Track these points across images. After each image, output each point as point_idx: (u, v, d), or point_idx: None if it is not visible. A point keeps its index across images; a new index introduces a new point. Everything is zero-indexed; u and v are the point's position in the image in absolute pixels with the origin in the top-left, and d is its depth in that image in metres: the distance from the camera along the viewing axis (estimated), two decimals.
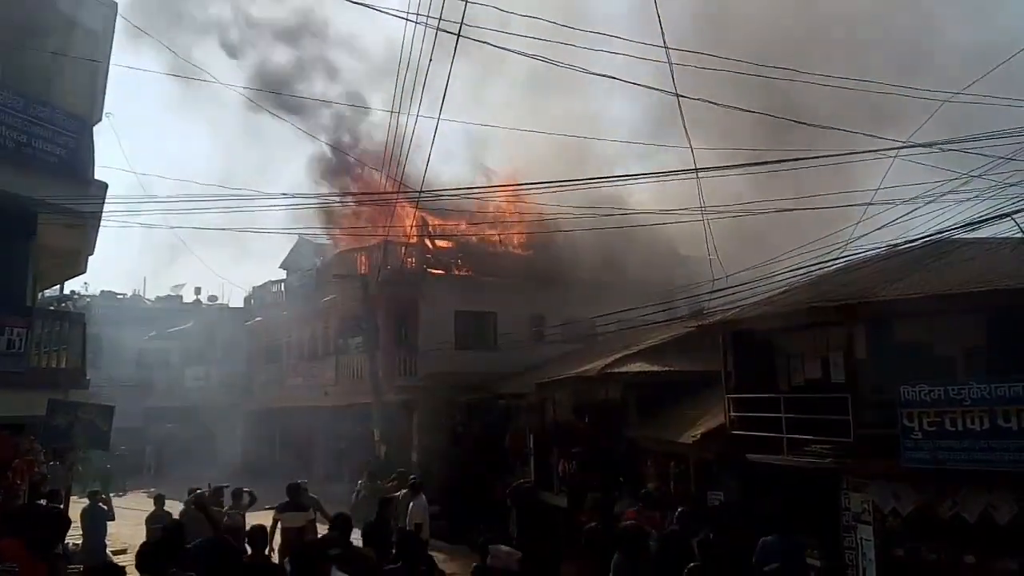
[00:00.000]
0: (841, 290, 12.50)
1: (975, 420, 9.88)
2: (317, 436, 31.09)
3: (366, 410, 23.96)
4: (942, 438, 10.12)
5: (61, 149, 13.07)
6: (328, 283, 28.29)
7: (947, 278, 11.57)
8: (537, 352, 23.51)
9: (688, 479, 14.82)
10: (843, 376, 12.18)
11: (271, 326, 34.45)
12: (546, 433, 20.14)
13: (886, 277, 12.23)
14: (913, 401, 10.42)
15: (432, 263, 26.03)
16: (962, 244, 12.28)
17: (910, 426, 10.40)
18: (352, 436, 26.96)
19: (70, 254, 15.63)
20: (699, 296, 14.98)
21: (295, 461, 31.34)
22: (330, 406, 28.04)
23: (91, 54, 14.12)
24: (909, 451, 10.43)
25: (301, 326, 31.92)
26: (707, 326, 15.22)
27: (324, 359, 29.58)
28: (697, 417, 15.03)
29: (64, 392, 13.02)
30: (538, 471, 20.03)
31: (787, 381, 13.91)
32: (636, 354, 17.81)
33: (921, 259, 12.30)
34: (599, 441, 17.39)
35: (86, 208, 13.04)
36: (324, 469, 29.14)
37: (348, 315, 26.72)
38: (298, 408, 30.88)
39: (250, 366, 36.47)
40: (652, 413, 16.53)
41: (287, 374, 33.00)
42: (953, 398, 10.10)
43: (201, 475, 25.85)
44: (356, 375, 26.10)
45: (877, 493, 11.24)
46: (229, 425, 36.24)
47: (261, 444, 34.00)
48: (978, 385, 9.97)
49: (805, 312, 12.59)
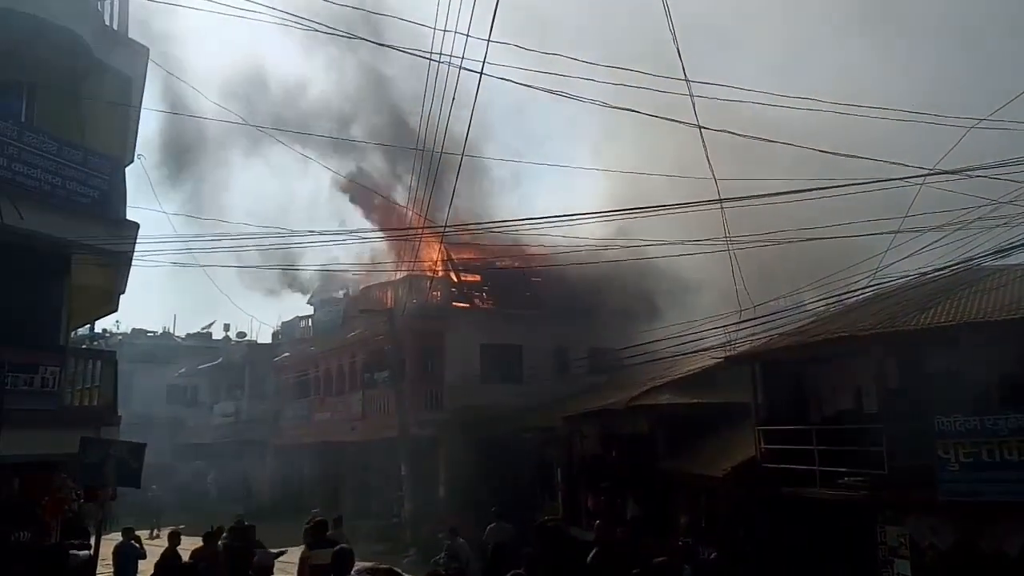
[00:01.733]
0: (871, 319, 12.36)
1: (1013, 451, 9.67)
2: (345, 471, 31.05)
3: (393, 445, 23.94)
4: (980, 469, 9.92)
5: (93, 191, 13.32)
6: (355, 318, 28.47)
7: (978, 306, 11.40)
8: (563, 385, 23.41)
9: (719, 513, 14.60)
10: (875, 406, 11.99)
11: (298, 361, 34.65)
12: (573, 467, 19.98)
13: (916, 306, 12.08)
14: (949, 432, 10.24)
15: (457, 296, 26.12)
16: (992, 271, 12.11)
17: (946, 457, 10.20)
18: (380, 471, 26.91)
19: (102, 293, 15.85)
20: (726, 327, 14.86)
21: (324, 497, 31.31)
22: (357, 441, 28.03)
23: (123, 98, 14.47)
24: (946, 483, 10.22)
25: (328, 361, 32.06)
26: (735, 357, 15.08)
27: (351, 393, 29.65)
28: (727, 450, 14.84)
29: (96, 430, 13.12)
30: (566, 505, 19.84)
31: (818, 412, 13.72)
32: (663, 386, 17.65)
33: (951, 287, 12.15)
34: (628, 474, 17.21)
35: (118, 248, 13.26)
36: (352, 505, 29.05)
37: (374, 349, 26.83)
38: (326, 443, 30.90)
39: (278, 402, 36.64)
40: (681, 446, 16.34)
41: (315, 409, 33.07)
42: (990, 428, 9.92)
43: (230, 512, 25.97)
44: (383, 409, 26.13)
45: (914, 526, 11.01)
46: (258, 461, 36.34)
47: (290, 480, 34.03)
48: (1016, 415, 9.78)
49: (836, 342, 12.45)
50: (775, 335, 13.54)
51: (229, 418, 38.60)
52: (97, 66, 13.64)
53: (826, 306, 13.20)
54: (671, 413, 16.74)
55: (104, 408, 13.80)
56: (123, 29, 14.73)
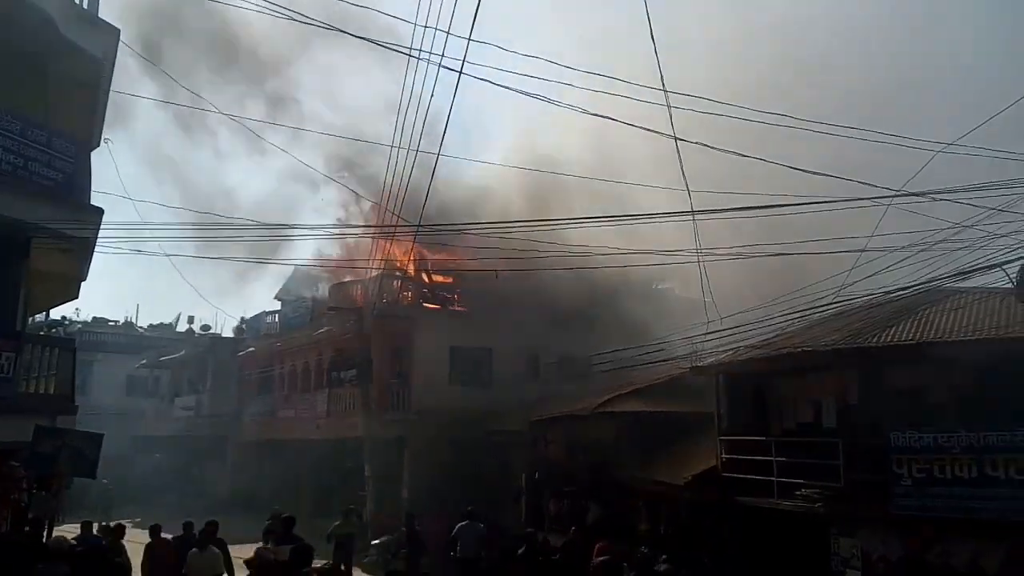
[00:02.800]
0: (834, 335, 12.54)
1: (963, 468, 9.88)
2: (307, 470, 30.79)
3: (357, 444, 23.78)
4: (931, 485, 10.11)
5: (57, 173, 13.07)
6: (323, 315, 28.25)
7: (939, 326, 11.61)
8: (531, 389, 23.42)
9: (680, 520, 14.71)
10: (835, 421, 12.16)
11: (263, 357, 34.28)
12: (538, 471, 20.00)
13: (878, 324, 12.28)
14: (903, 448, 10.42)
15: (428, 297, 26.02)
16: (953, 293, 12.35)
17: (900, 472, 10.38)
18: (342, 470, 26.71)
19: (63, 279, 15.56)
20: (694, 337, 14.98)
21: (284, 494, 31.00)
22: (321, 439, 27.81)
23: (92, 80, 14.19)
24: (899, 498, 10.41)
25: (294, 357, 31.77)
26: (701, 368, 15.22)
27: (316, 392, 29.39)
28: (690, 458, 14.96)
29: (51, 419, 12.87)
30: (529, 509, 19.85)
31: (779, 425, 13.89)
32: (630, 393, 17.75)
33: (913, 307, 12.36)
34: (591, 480, 17.28)
35: (81, 233, 13.00)
36: (313, 503, 28.80)
37: (342, 348, 26.63)
38: (289, 440, 30.61)
39: (241, 397, 36.23)
40: (645, 453, 16.44)
41: (278, 406, 32.75)
42: (942, 445, 10.11)
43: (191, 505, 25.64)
44: (348, 409, 25.93)
45: (866, 539, 11.18)
46: (218, 456, 35.90)
47: (250, 476, 33.68)
48: (967, 433, 9.98)
49: (798, 356, 12.61)
50: (741, 347, 13.69)
51: (190, 412, 38.05)
52: (65, 46, 13.36)
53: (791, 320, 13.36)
54: (635, 421, 16.86)
55: (61, 397, 13.54)
56: (93, 9, 14.44)
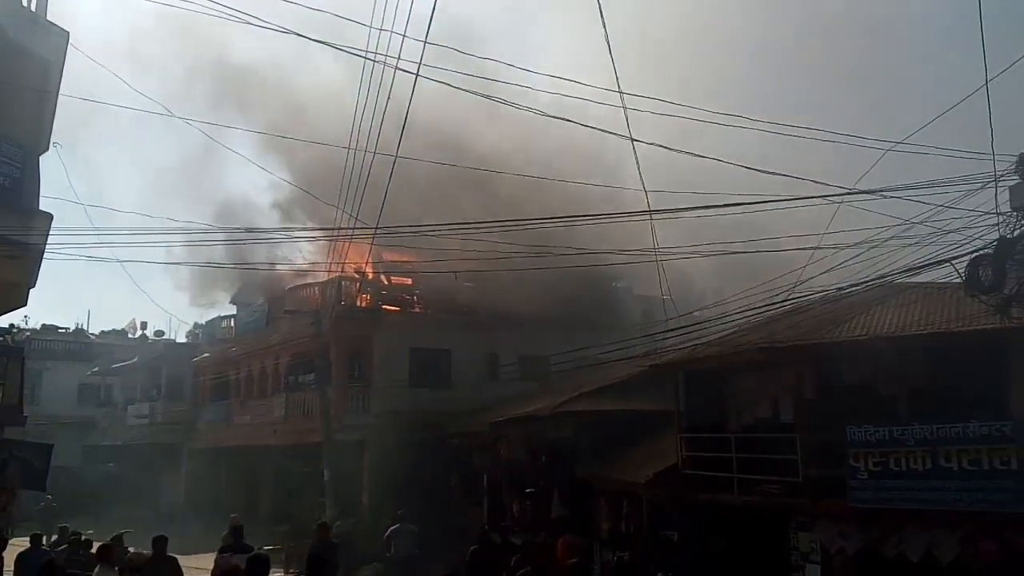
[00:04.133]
0: (790, 331, 12.75)
1: (918, 460, 10.11)
2: (265, 476, 30.39)
3: (316, 449, 23.54)
4: (887, 478, 10.33)
5: (4, 178, 12.74)
6: (280, 318, 27.88)
7: (891, 321, 11.88)
8: (492, 390, 23.41)
9: (642, 518, 14.83)
10: (792, 416, 12.36)
11: (219, 362, 33.73)
12: (499, 472, 20.01)
13: (833, 319, 12.51)
14: (859, 441, 10.63)
15: (388, 299, 25.86)
16: (904, 288, 12.64)
17: (856, 466, 10.59)
18: (301, 475, 26.42)
19: (10, 286, 15.16)
20: (654, 335, 15.12)
21: (242, 502, 30.55)
22: (279, 445, 27.47)
23: (40, 83, 13.86)
24: (855, 491, 10.61)
25: (250, 362, 31.32)
26: (660, 366, 15.36)
27: (273, 396, 29.02)
28: (651, 456, 15.09)
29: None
30: (491, 510, 19.84)
31: (738, 421, 14.07)
32: (591, 393, 17.84)
33: (866, 302, 12.63)
34: (553, 480, 17.33)
35: (29, 239, 12.68)
36: (271, 510, 28.44)
37: (300, 351, 26.34)
38: (245, 447, 30.18)
39: (196, 404, 35.61)
40: (606, 452, 16.55)
41: (234, 412, 32.26)
42: (897, 439, 10.34)
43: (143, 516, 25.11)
44: (306, 413, 25.66)
45: (824, 532, 11.39)
46: (173, 464, 35.24)
47: (206, 484, 33.14)
48: (921, 426, 10.21)
49: (755, 353, 12.79)
50: (699, 345, 13.85)
51: (143, 420, 37.27)
52: (12, 48, 13.02)
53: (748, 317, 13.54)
54: (596, 420, 16.95)
55: (9, 407, 13.22)
56: (42, 11, 14.10)
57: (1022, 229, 9.46)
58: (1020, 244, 9.41)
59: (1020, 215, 9.51)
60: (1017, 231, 9.47)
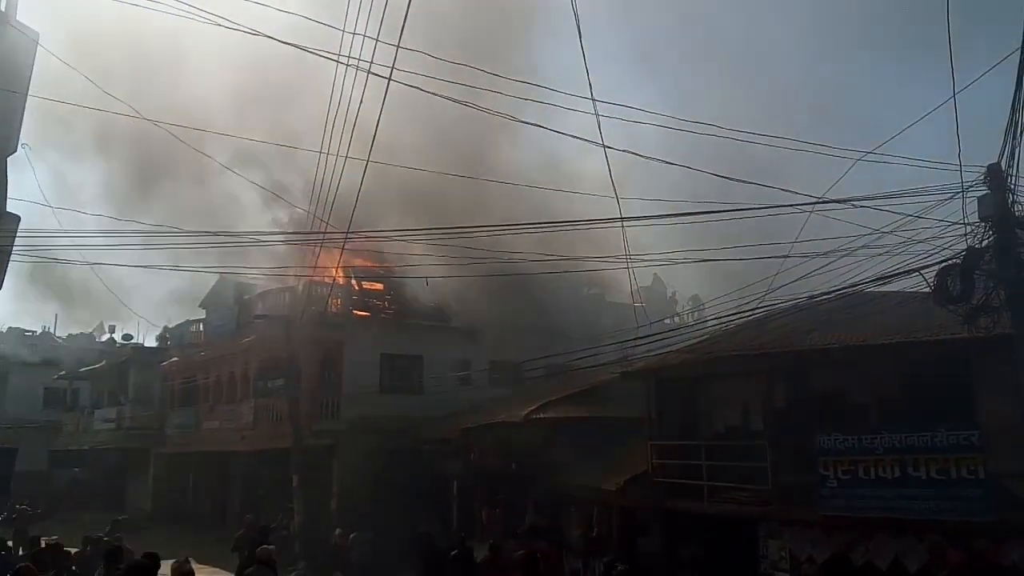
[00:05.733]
0: (760, 339, 12.78)
1: (887, 469, 10.14)
2: (233, 482, 29.96)
3: (285, 455, 23.23)
4: (856, 486, 10.36)
5: None
6: (249, 323, 27.51)
7: (860, 330, 11.94)
8: (463, 397, 23.26)
9: (612, 525, 14.78)
10: (762, 424, 12.39)
11: (187, 367, 33.24)
12: (470, 479, 19.87)
13: (803, 328, 12.56)
14: (829, 449, 10.66)
15: (359, 305, 25.63)
16: (874, 297, 12.71)
17: (826, 474, 10.61)
18: (269, 482, 26.07)
19: None
20: (625, 342, 15.09)
21: (210, 507, 30.10)
22: (247, 451, 27.09)
23: (8, 84, 13.57)
24: (825, 499, 10.63)
25: (219, 367, 30.88)
26: (631, 373, 15.34)
27: (242, 402, 28.60)
28: (622, 463, 15.05)
29: None
30: (461, 518, 19.69)
31: (708, 428, 14.09)
32: (562, 399, 17.79)
33: (836, 311, 12.68)
34: (525, 487, 17.24)
35: None
36: (238, 516, 28.03)
37: (269, 356, 25.99)
38: (214, 452, 29.74)
39: (164, 408, 35.05)
40: (578, 459, 16.48)
41: (203, 417, 31.80)
42: (867, 447, 10.37)
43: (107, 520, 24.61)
44: (276, 418, 25.31)
45: (794, 540, 11.40)
46: (141, 469, 34.68)
47: (173, 490, 32.62)
48: (890, 435, 10.26)
49: (725, 360, 12.81)
50: (670, 352, 13.85)
51: (111, 424, 36.60)
52: None
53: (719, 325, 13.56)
54: (567, 426, 16.89)
55: None
56: (11, 11, 13.84)
57: (990, 239, 9.53)
58: (988, 254, 9.48)
59: (988, 225, 9.58)
60: (985, 241, 9.54)
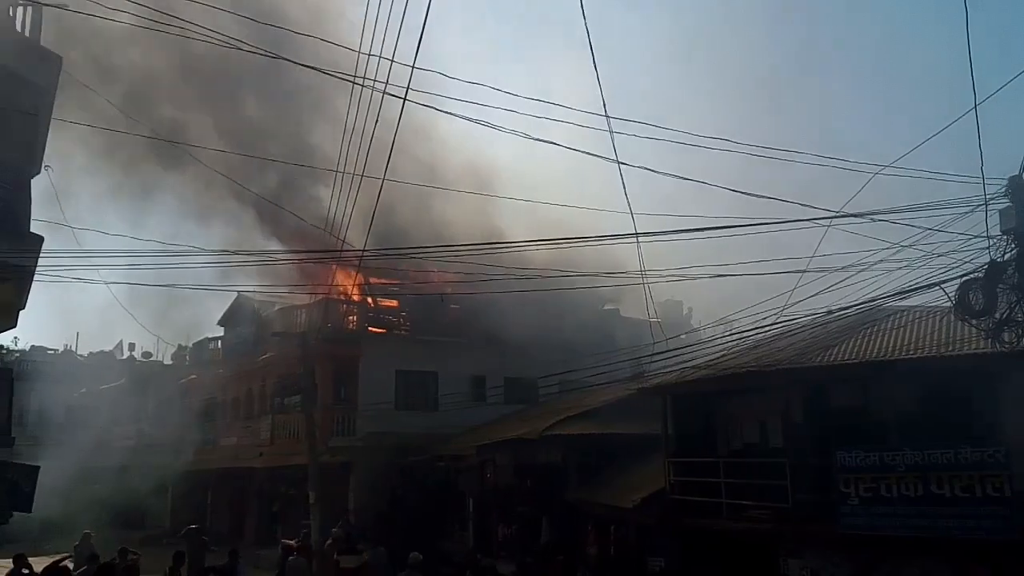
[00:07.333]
0: (778, 355, 12.68)
1: (909, 486, 10.00)
2: (250, 498, 30.03)
3: (301, 471, 23.26)
4: (878, 504, 10.21)
5: None
6: (266, 340, 27.68)
7: (880, 345, 11.83)
8: (478, 413, 23.23)
9: (629, 543, 14.66)
10: (780, 440, 12.27)
11: (206, 384, 33.48)
12: (486, 496, 19.80)
13: (821, 343, 12.46)
14: (849, 467, 10.52)
15: (374, 322, 25.72)
16: (894, 312, 12.60)
17: (846, 492, 10.47)
18: (287, 498, 26.11)
19: (1, 308, 15.05)
20: (640, 358, 15.03)
21: (227, 523, 30.16)
22: (265, 467, 27.18)
23: (32, 107, 13.83)
24: (846, 517, 10.49)
25: (237, 384, 31.09)
26: (647, 389, 15.26)
27: (260, 418, 28.74)
28: (639, 480, 14.94)
29: None
30: (477, 535, 19.61)
31: (726, 445, 13.97)
32: (578, 416, 17.70)
33: (855, 326, 12.58)
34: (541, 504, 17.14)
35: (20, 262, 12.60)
36: (256, 533, 28.09)
37: (286, 373, 26.11)
38: (232, 469, 29.86)
39: (183, 425, 35.25)
40: (594, 476, 16.40)
41: (221, 434, 31.98)
42: (888, 464, 10.23)
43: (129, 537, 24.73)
44: (293, 435, 25.39)
45: (814, 559, 11.25)
46: (160, 486, 34.84)
47: (192, 506, 32.74)
48: (912, 452, 10.11)
49: (743, 376, 12.72)
50: (687, 368, 13.76)
51: (130, 441, 36.86)
52: (6, 73, 13.02)
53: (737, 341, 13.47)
54: (583, 443, 16.80)
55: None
56: (35, 37, 14.17)
57: (1012, 252, 9.42)
58: (1010, 268, 9.36)
59: (1010, 238, 9.46)
60: (1007, 254, 9.42)
